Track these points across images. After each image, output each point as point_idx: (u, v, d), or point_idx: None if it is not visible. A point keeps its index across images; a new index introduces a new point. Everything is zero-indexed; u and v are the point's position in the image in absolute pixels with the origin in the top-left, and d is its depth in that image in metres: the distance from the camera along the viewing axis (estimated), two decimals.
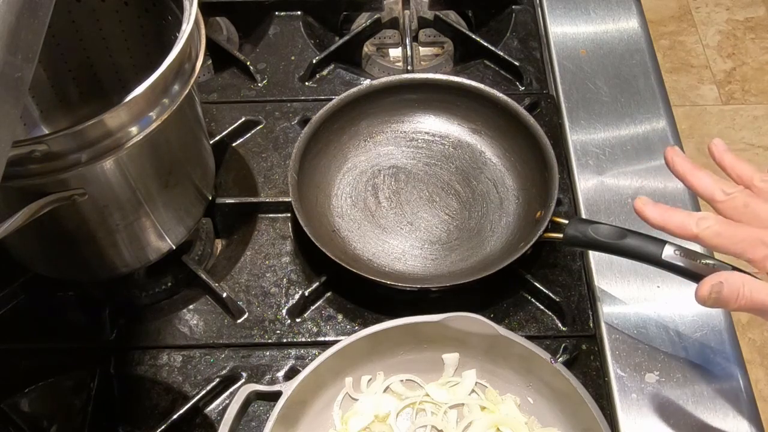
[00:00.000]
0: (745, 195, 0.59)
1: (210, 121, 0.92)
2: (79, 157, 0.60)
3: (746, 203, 0.59)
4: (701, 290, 0.57)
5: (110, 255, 0.73)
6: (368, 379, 0.73)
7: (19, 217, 0.58)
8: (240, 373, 0.75)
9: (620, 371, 0.72)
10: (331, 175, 0.88)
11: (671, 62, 2.36)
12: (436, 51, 1.10)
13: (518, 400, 0.71)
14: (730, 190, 0.60)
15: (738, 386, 0.70)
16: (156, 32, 0.76)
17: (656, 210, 0.60)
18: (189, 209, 0.77)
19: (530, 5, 1.04)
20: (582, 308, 0.78)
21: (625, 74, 0.94)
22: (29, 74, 0.43)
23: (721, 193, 0.60)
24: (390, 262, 0.82)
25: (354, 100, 0.87)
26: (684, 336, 0.73)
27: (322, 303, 0.80)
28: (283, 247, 0.84)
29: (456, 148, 0.90)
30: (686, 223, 0.59)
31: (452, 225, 0.84)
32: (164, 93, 0.64)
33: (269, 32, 1.02)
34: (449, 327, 0.70)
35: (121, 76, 0.84)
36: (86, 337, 0.78)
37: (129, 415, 0.74)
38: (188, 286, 0.81)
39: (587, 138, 0.88)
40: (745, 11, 2.49)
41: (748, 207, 0.58)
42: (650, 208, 0.61)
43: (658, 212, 0.60)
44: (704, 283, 0.57)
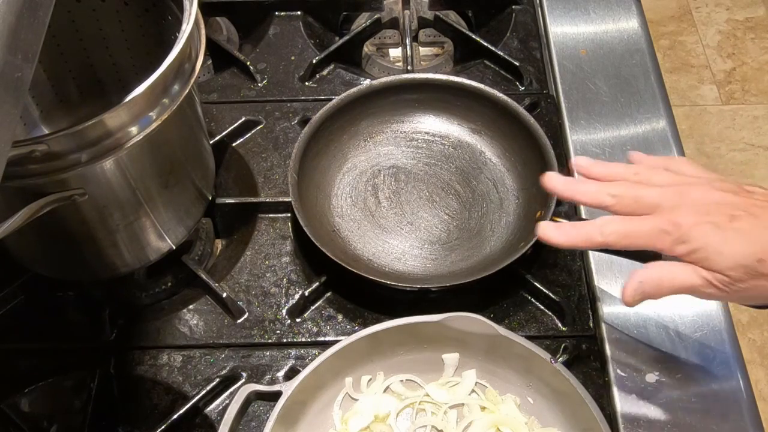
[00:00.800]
0: (630, 189, 0.61)
1: (210, 121, 0.92)
2: (79, 157, 0.60)
3: (635, 197, 0.60)
4: (626, 295, 0.59)
5: (110, 255, 0.73)
6: (368, 379, 0.72)
7: (19, 217, 0.58)
8: (240, 373, 0.75)
9: (620, 371, 0.72)
10: (331, 175, 0.88)
11: (671, 62, 2.36)
12: (436, 51, 1.10)
13: (518, 400, 0.71)
14: (615, 191, 0.61)
15: (738, 386, 0.70)
16: (156, 32, 0.76)
17: (560, 232, 0.61)
18: (189, 209, 0.77)
19: (530, 5, 1.04)
20: (582, 308, 0.78)
21: (625, 74, 0.94)
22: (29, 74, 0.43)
23: (610, 197, 0.61)
24: (390, 262, 0.82)
25: (354, 100, 0.87)
26: (684, 336, 0.73)
27: (322, 303, 0.80)
28: (283, 247, 0.84)
29: (456, 148, 0.90)
30: (591, 234, 0.60)
31: (452, 225, 0.84)
32: (164, 93, 0.64)
33: (269, 32, 1.03)
34: (449, 327, 0.70)
35: (121, 76, 0.84)
36: (86, 337, 0.78)
37: (129, 415, 0.74)
38: (188, 286, 0.81)
39: (587, 138, 0.88)
40: (745, 11, 2.49)
41: (638, 200, 0.60)
42: (553, 233, 0.62)
43: (563, 234, 0.61)
44: (627, 287, 0.59)
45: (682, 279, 0.57)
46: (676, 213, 0.57)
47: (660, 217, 0.58)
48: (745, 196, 0.58)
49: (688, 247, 0.56)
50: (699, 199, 0.58)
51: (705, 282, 0.56)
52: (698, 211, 0.57)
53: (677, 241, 0.57)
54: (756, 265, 0.55)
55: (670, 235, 0.57)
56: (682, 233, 0.56)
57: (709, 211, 0.57)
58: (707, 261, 0.56)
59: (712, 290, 0.57)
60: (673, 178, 0.61)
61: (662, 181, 0.61)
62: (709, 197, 0.58)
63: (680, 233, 0.56)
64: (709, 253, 0.56)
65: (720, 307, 0.75)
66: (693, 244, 0.56)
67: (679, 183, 0.60)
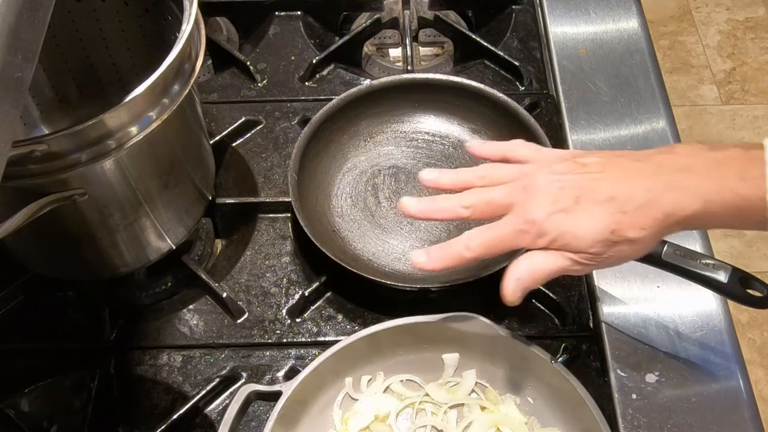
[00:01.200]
0: (480, 194, 0.63)
1: (210, 121, 0.92)
2: (79, 157, 0.60)
3: (487, 201, 0.62)
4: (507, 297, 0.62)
5: (110, 255, 0.73)
6: (368, 379, 0.73)
7: (19, 217, 0.58)
8: (240, 373, 0.75)
9: (620, 371, 0.72)
10: (331, 175, 0.88)
11: (671, 62, 2.36)
12: (436, 51, 1.10)
13: (518, 400, 0.71)
14: (467, 201, 0.63)
15: (738, 386, 0.70)
16: (156, 32, 0.76)
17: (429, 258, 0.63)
18: (189, 209, 0.77)
19: (530, 5, 1.04)
20: (582, 308, 0.78)
21: (625, 74, 0.94)
22: (29, 74, 0.43)
23: (464, 209, 0.63)
24: (390, 262, 0.82)
25: (354, 100, 0.87)
26: (684, 336, 0.73)
27: (322, 303, 0.80)
28: (283, 247, 0.84)
29: (456, 148, 0.90)
30: (460, 253, 0.62)
31: (452, 225, 0.84)
32: (164, 93, 0.64)
33: (269, 32, 1.03)
34: (449, 327, 0.70)
35: (121, 76, 0.84)
36: (86, 337, 0.78)
37: (129, 415, 0.74)
38: (188, 286, 0.81)
39: (587, 138, 0.88)
40: (745, 11, 2.49)
41: (490, 203, 0.62)
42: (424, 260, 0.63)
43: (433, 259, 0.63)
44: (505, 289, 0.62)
45: (552, 265, 0.60)
46: (527, 210, 0.60)
47: (515, 216, 0.61)
48: (581, 172, 0.61)
49: (548, 238, 0.60)
50: (543, 189, 0.60)
51: (572, 262, 0.60)
52: (545, 201, 0.60)
53: (536, 236, 0.60)
54: (610, 236, 0.58)
55: (528, 233, 0.60)
56: (537, 228, 0.59)
57: (556, 198, 0.59)
58: (568, 246, 0.59)
59: (580, 267, 0.60)
60: (516, 171, 0.64)
61: (507, 176, 0.63)
62: (551, 185, 0.60)
63: (536, 229, 0.60)
64: (567, 239, 0.59)
65: (720, 307, 0.75)
66: (550, 235, 0.59)
67: (522, 175, 0.62)
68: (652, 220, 0.58)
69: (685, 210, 0.57)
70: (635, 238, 0.58)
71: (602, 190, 0.59)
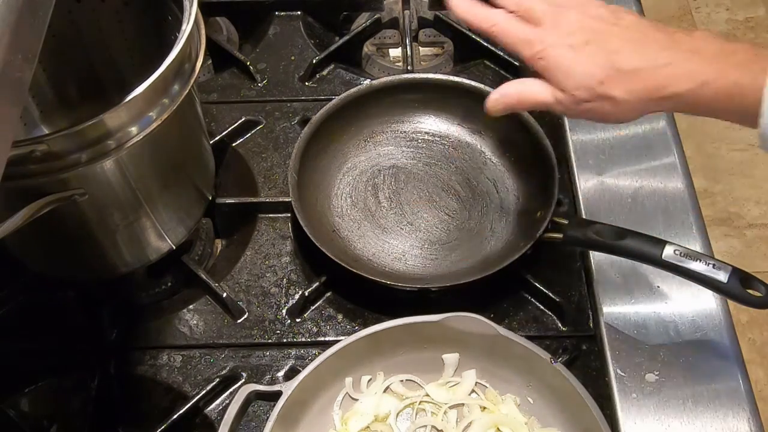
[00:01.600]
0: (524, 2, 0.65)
1: (210, 121, 0.92)
2: (79, 157, 0.60)
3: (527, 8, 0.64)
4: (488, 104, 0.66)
5: (110, 255, 0.73)
6: (368, 379, 0.73)
7: (19, 217, 0.58)
8: (240, 373, 0.75)
9: (620, 371, 0.72)
10: (331, 175, 0.88)
11: None
12: (436, 51, 1.10)
13: (518, 400, 0.71)
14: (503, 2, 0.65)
15: (738, 386, 0.70)
16: (156, 32, 0.76)
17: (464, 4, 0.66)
18: (189, 209, 0.77)
19: None
20: (582, 308, 0.78)
21: None
22: (29, 74, 0.43)
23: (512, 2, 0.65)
24: (390, 262, 0.82)
25: (354, 100, 0.87)
26: (684, 336, 0.73)
27: (322, 303, 0.80)
28: (283, 247, 0.84)
29: (456, 148, 0.90)
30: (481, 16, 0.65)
31: (452, 225, 0.84)
32: (164, 93, 0.64)
33: (269, 32, 1.03)
34: (449, 327, 0.70)
35: (121, 76, 0.84)
36: (86, 337, 0.78)
37: (129, 415, 0.74)
38: (188, 286, 0.81)
39: (587, 138, 0.88)
40: (745, 11, 2.49)
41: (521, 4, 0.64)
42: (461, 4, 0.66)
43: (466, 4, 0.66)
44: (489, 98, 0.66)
45: (536, 93, 0.63)
46: (545, 31, 0.62)
47: (534, 29, 0.63)
48: (611, 23, 0.62)
49: (543, 63, 0.62)
50: (569, 22, 0.62)
51: (555, 99, 0.62)
52: (562, 33, 0.62)
53: (536, 55, 0.62)
54: (596, 86, 0.60)
55: (533, 47, 0.62)
56: (542, 49, 0.62)
57: (572, 32, 0.61)
58: (556, 80, 0.61)
59: (560, 107, 0.62)
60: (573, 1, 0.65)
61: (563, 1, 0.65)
62: (576, 22, 0.62)
63: (540, 48, 0.62)
64: (559, 72, 0.61)
65: (720, 307, 0.75)
66: (547, 61, 0.61)
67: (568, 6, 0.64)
68: (641, 87, 0.59)
69: (677, 86, 0.58)
70: (619, 98, 0.59)
71: (613, 43, 0.60)
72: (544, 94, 0.62)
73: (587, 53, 0.60)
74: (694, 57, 0.58)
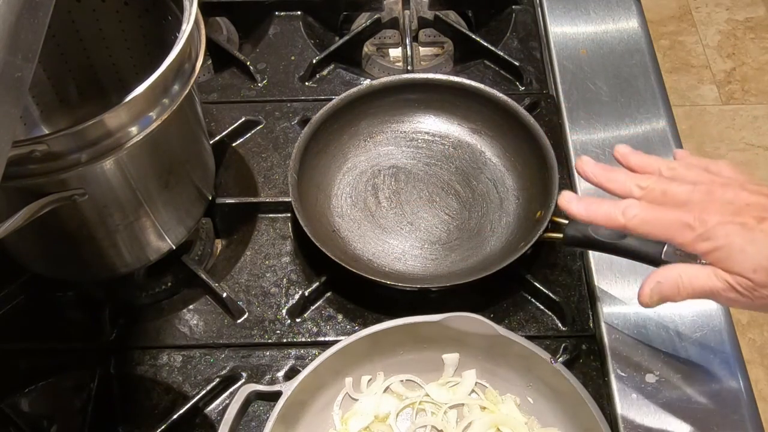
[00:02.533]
0: (660, 183, 0.59)
1: (210, 121, 0.92)
2: (79, 157, 0.60)
3: (664, 191, 0.58)
4: (643, 295, 0.58)
5: (110, 255, 0.73)
6: (368, 379, 0.73)
7: (19, 217, 0.58)
8: (240, 373, 0.75)
9: (620, 371, 0.72)
10: (331, 175, 0.88)
11: (671, 62, 2.36)
12: (436, 51, 1.10)
13: (518, 400, 0.71)
14: (644, 183, 0.60)
15: (738, 386, 0.70)
16: (156, 32, 0.76)
17: (581, 205, 0.60)
18: (189, 209, 0.77)
19: (530, 5, 1.04)
20: (582, 308, 0.78)
21: (625, 74, 0.94)
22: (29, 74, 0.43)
23: (638, 189, 0.60)
24: (390, 262, 0.82)
25: (354, 100, 0.87)
26: (684, 336, 0.73)
27: (322, 303, 0.80)
28: (283, 247, 0.84)
29: (456, 148, 0.90)
30: (612, 214, 0.58)
31: (452, 225, 0.84)
32: (164, 93, 0.64)
33: (269, 32, 1.03)
34: (449, 327, 0.70)
35: (121, 76, 0.84)
36: (86, 337, 0.78)
37: (129, 415, 0.74)
38: (188, 286, 0.81)
39: (587, 138, 0.88)
40: (745, 11, 2.49)
41: (666, 194, 0.58)
42: (575, 204, 0.61)
43: (584, 207, 0.60)
44: (644, 286, 0.58)
45: (703, 281, 0.55)
46: (703, 209, 0.55)
47: (687, 211, 0.56)
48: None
49: (711, 244, 0.55)
50: (729, 199, 0.56)
51: (727, 285, 0.55)
52: (726, 210, 0.55)
53: (701, 237, 0.55)
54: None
55: (694, 230, 0.55)
56: (706, 230, 0.55)
57: (738, 211, 0.55)
58: (729, 261, 0.54)
59: (733, 294, 0.55)
60: (706, 177, 0.59)
61: (695, 178, 0.59)
62: (739, 198, 0.56)
63: (705, 229, 0.55)
64: (732, 252, 0.54)
65: (720, 307, 0.75)
66: (716, 242, 0.54)
67: (711, 182, 0.58)
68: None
69: None
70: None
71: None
72: (712, 281, 0.55)
73: (764, 231, 0.53)
74: None
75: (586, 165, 0.63)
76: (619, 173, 0.62)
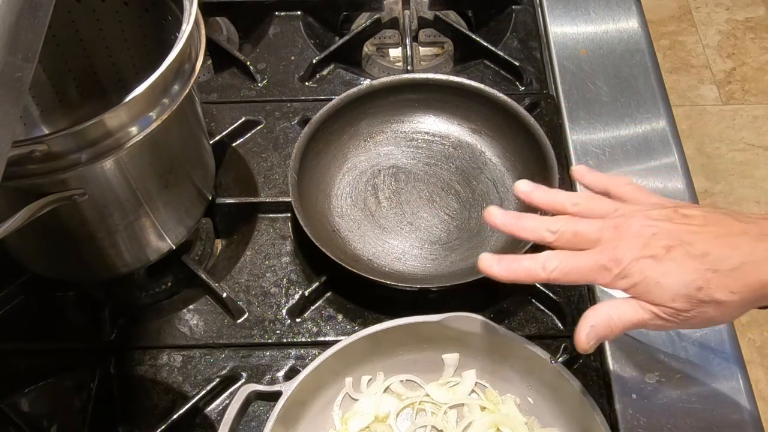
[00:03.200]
0: (569, 224, 0.61)
1: (210, 121, 0.92)
2: (79, 157, 0.60)
3: (575, 232, 0.60)
4: (579, 342, 0.58)
5: (110, 255, 0.73)
6: (368, 379, 0.73)
7: (19, 217, 0.58)
8: (240, 373, 0.75)
9: (620, 371, 0.72)
10: (331, 175, 0.88)
11: (671, 62, 2.37)
12: (436, 51, 1.10)
13: (518, 400, 0.71)
14: (554, 227, 0.61)
15: (738, 386, 0.70)
16: (156, 32, 0.76)
17: (501, 266, 0.61)
18: (189, 209, 0.77)
19: (530, 5, 1.04)
20: (582, 308, 0.78)
21: (625, 74, 0.94)
22: (29, 74, 0.43)
23: (549, 234, 0.61)
24: (390, 262, 0.82)
25: (354, 100, 0.87)
26: (684, 336, 0.73)
27: (322, 303, 0.80)
28: (283, 247, 0.84)
29: (456, 148, 0.90)
30: (533, 270, 0.60)
31: (452, 225, 0.84)
32: (164, 93, 0.64)
33: (269, 32, 1.03)
34: (449, 327, 0.70)
35: (121, 76, 0.84)
36: (86, 337, 0.78)
37: (129, 415, 0.74)
38: (188, 286, 0.81)
39: (587, 138, 0.88)
40: (745, 11, 2.49)
41: (577, 235, 0.60)
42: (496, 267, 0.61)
43: (504, 268, 0.61)
44: (579, 333, 0.58)
45: (631, 315, 0.57)
46: (615, 249, 0.57)
47: (601, 253, 0.58)
48: (680, 222, 0.58)
49: (629, 281, 0.57)
50: (636, 232, 0.58)
51: (652, 315, 0.57)
52: (636, 245, 0.57)
53: (618, 276, 0.57)
54: (696, 293, 0.55)
55: (611, 271, 0.57)
56: (622, 269, 0.57)
57: (647, 244, 0.57)
58: (649, 294, 0.56)
59: (660, 322, 0.57)
60: (611, 207, 0.61)
61: (601, 211, 0.61)
62: (646, 230, 0.58)
63: (620, 269, 0.57)
64: (649, 286, 0.56)
65: None
66: (633, 278, 0.57)
67: (617, 215, 0.60)
68: (743, 286, 0.54)
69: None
70: (723, 300, 0.54)
71: (698, 244, 0.56)
72: (638, 314, 0.57)
73: (674, 261, 0.55)
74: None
75: (495, 217, 0.64)
76: (527, 220, 0.63)
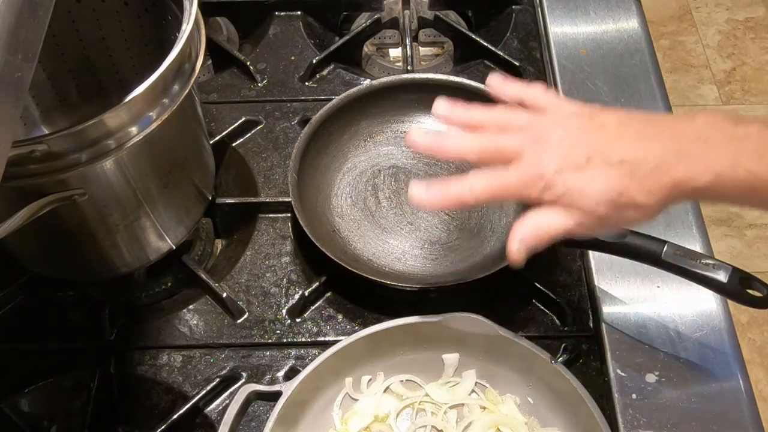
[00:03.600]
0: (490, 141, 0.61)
1: (210, 121, 0.92)
2: (79, 157, 0.60)
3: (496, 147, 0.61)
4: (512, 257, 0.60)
5: (110, 255, 0.73)
6: (368, 379, 0.72)
7: (19, 217, 0.58)
8: (240, 373, 0.75)
9: (620, 371, 0.72)
10: (331, 175, 0.88)
11: (671, 62, 2.36)
12: (436, 51, 1.10)
13: (518, 400, 0.71)
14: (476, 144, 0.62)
15: (738, 386, 0.70)
16: (156, 32, 0.76)
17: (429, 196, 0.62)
18: (189, 209, 0.77)
19: (530, 5, 1.04)
20: (582, 308, 0.78)
21: (625, 74, 0.94)
22: (29, 74, 0.43)
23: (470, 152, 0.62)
24: (390, 262, 0.82)
25: (354, 100, 0.87)
26: (684, 336, 0.73)
27: (322, 303, 0.80)
28: (283, 247, 0.84)
29: None
30: (461, 193, 0.60)
31: (452, 225, 0.84)
32: (164, 93, 0.64)
33: (269, 32, 1.03)
34: (449, 327, 0.70)
35: (121, 76, 0.84)
36: (86, 337, 0.78)
37: (129, 415, 0.74)
38: (188, 286, 0.81)
39: None
40: (745, 11, 2.49)
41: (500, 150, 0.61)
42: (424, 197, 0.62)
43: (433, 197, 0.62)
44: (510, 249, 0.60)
45: (557, 224, 0.59)
46: (538, 163, 0.59)
47: (524, 168, 0.59)
48: (597, 131, 0.59)
49: (554, 193, 0.58)
50: (555, 144, 0.59)
51: (577, 222, 0.59)
52: (557, 155, 0.59)
53: (543, 189, 0.59)
54: (618, 198, 0.57)
55: (536, 185, 0.59)
56: (546, 181, 0.58)
57: (567, 155, 0.58)
58: (574, 203, 0.58)
59: (584, 229, 0.59)
60: (529, 121, 0.62)
61: (519, 124, 0.62)
62: (564, 141, 0.59)
63: (544, 182, 0.58)
64: (573, 197, 0.58)
65: (720, 307, 0.75)
66: (557, 190, 0.58)
67: (537, 126, 0.61)
68: (660, 186, 0.56)
69: (695, 181, 0.56)
70: (642, 202, 0.57)
71: (614, 151, 0.58)
72: (563, 221, 0.59)
73: (594, 169, 0.57)
74: (704, 148, 0.56)
75: (417, 142, 0.64)
76: (448, 139, 0.64)
